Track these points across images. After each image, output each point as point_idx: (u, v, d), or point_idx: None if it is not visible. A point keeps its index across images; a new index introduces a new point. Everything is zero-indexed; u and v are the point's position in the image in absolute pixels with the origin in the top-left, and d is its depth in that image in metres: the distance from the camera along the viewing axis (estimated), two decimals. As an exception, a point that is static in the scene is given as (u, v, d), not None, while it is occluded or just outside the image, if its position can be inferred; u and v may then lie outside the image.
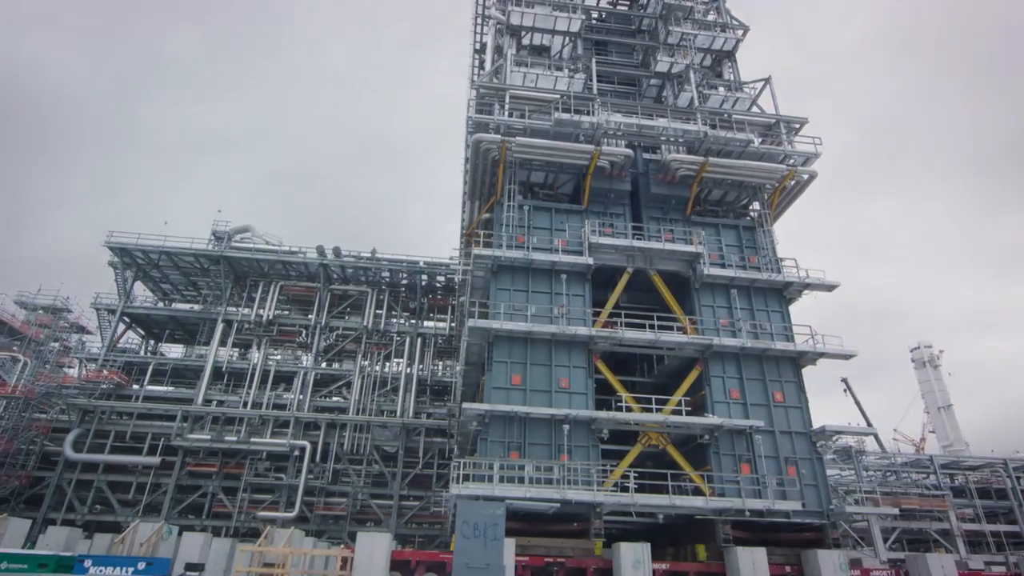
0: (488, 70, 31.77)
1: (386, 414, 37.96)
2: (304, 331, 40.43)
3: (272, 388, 37.99)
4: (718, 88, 32.33)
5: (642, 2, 37.56)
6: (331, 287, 41.49)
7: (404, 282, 41.86)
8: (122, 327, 41.44)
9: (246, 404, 36.77)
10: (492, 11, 33.44)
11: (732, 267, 26.79)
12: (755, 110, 31.70)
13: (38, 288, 42.24)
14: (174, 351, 45.61)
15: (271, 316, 39.78)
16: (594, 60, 31.88)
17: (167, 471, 35.02)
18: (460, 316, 34.88)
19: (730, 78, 33.35)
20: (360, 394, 38.50)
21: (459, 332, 34.21)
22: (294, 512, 33.85)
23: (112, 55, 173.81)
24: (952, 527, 40.08)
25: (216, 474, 35.36)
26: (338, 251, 40.47)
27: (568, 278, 25.33)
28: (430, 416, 38.53)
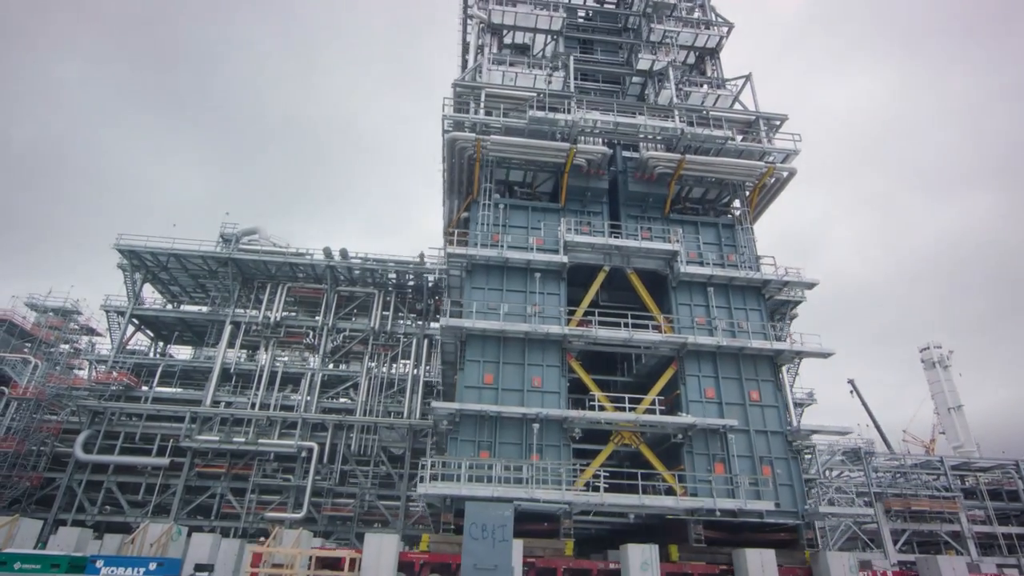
0: (468, 68, 31.72)
1: (393, 415, 38.03)
2: (311, 333, 40.53)
3: (280, 389, 38.12)
4: (700, 85, 32.03)
5: (628, 0, 37.46)
6: (338, 289, 41.61)
7: (411, 283, 41.95)
8: (131, 329, 41.71)
9: (254, 405, 36.96)
10: (474, 10, 33.32)
11: (710, 265, 26.61)
12: (737, 107, 31.30)
13: (48, 291, 42.79)
14: (183, 353, 45.89)
15: (279, 318, 39.93)
16: (572, 57, 31.66)
17: (176, 472, 35.22)
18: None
19: (714, 76, 33.06)
20: (367, 395, 38.58)
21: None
22: (302, 513, 33.96)
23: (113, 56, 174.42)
24: (963, 529, 39.77)
25: (224, 475, 35.52)
26: (345, 252, 40.57)
27: (543, 276, 25.21)
28: (437, 417, 38.50)
